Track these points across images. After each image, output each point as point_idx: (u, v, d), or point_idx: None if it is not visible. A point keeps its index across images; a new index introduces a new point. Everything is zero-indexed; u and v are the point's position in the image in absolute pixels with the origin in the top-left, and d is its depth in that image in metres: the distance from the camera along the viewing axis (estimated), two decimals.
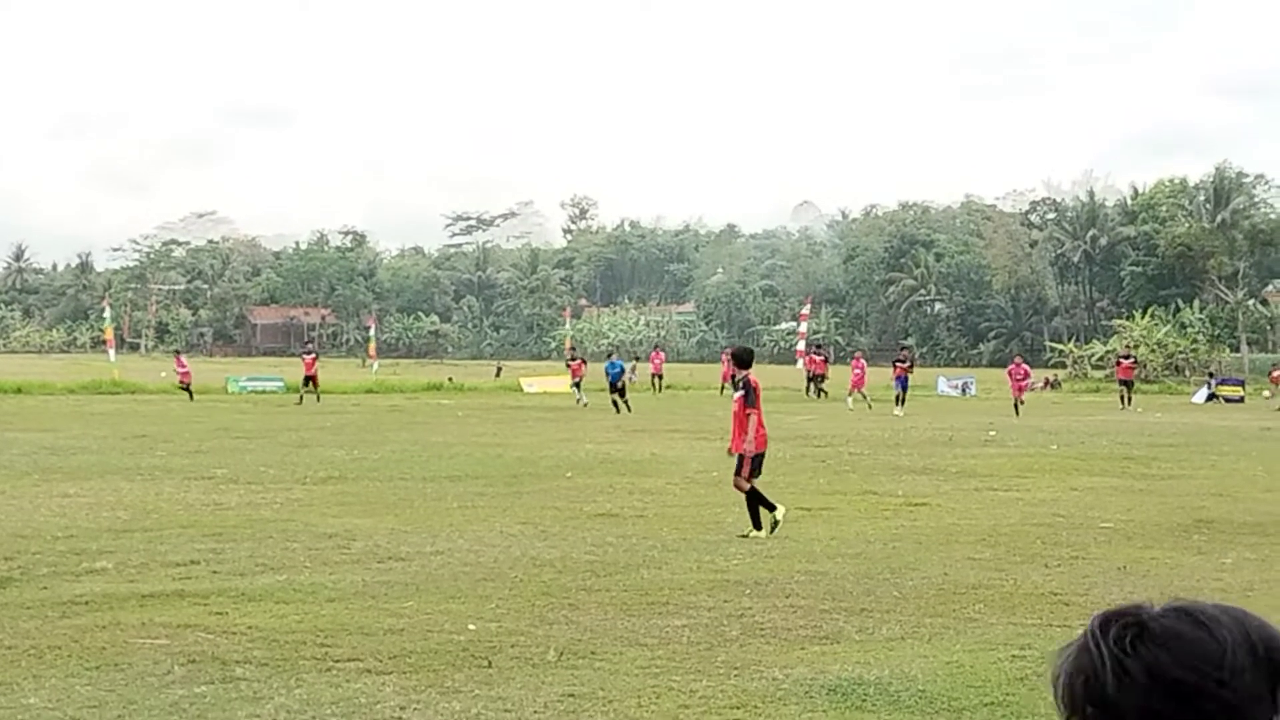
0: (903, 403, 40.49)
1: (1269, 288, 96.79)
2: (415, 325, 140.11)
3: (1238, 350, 79.48)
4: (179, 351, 59.52)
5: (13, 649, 8.67)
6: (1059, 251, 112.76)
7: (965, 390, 57.14)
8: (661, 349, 69.22)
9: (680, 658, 8.67)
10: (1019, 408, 39.24)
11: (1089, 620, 1.64)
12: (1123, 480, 20.41)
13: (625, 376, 54.70)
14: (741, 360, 14.99)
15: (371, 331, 74.33)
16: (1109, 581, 11.59)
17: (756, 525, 14.17)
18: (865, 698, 7.75)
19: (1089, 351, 73.11)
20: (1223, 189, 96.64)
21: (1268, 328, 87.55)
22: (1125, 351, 53.62)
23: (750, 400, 14.42)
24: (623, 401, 41.14)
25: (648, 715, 7.43)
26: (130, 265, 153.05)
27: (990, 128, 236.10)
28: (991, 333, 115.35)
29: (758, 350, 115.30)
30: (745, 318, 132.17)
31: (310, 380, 44.74)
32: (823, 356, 54.54)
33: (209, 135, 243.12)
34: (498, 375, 67.64)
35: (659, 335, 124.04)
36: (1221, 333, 79.45)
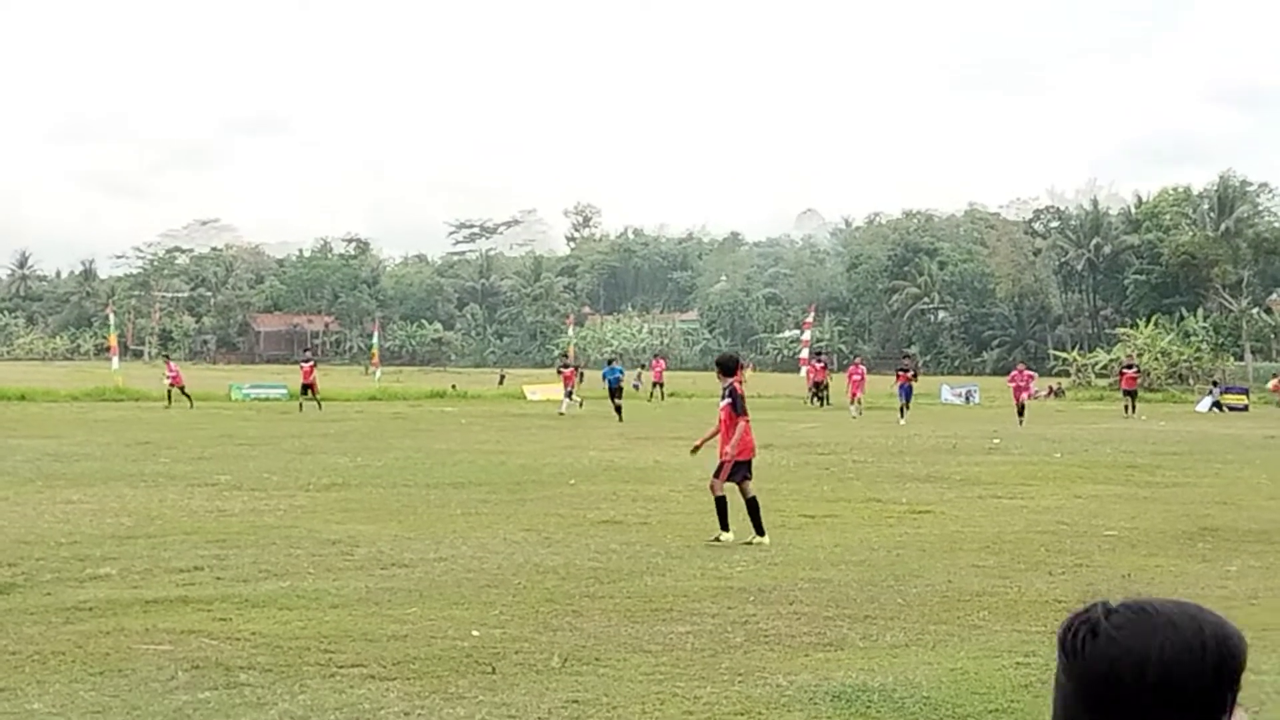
0: (906, 411, 40.46)
1: (1273, 296, 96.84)
2: (419, 333, 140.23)
3: (1242, 359, 79.44)
4: (168, 356, 59.46)
5: (17, 654, 8.67)
6: (1063, 260, 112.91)
7: (969, 398, 57.14)
8: (662, 357, 69.11)
9: (684, 664, 8.66)
10: (1022, 414, 38.79)
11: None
12: (1127, 488, 20.39)
13: (630, 384, 54.69)
14: (726, 368, 14.99)
15: (375, 339, 74.33)
16: (1113, 589, 11.47)
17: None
18: (869, 704, 7.74)
19: (1093, 360, 73.10)
20: (1227, 198, 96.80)
21: (1271, 336, 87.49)
22: (1129, 361, 53.59)
23: (738, 407, 14.43)
24: (615, 407, 41.13)
25: None
26: (134, 273, 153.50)
27: (994, 136, 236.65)
28: (995, 341, 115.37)
29: (761, 358, 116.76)
30: (749, 326, 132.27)
31: (308, 388, 44.18)
32: (823, 364, 54.41)
33: (212, 142, 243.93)
34: (501, 383, 67.64)
35: (662, 343, 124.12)
36: (1225, 341, 79.46)
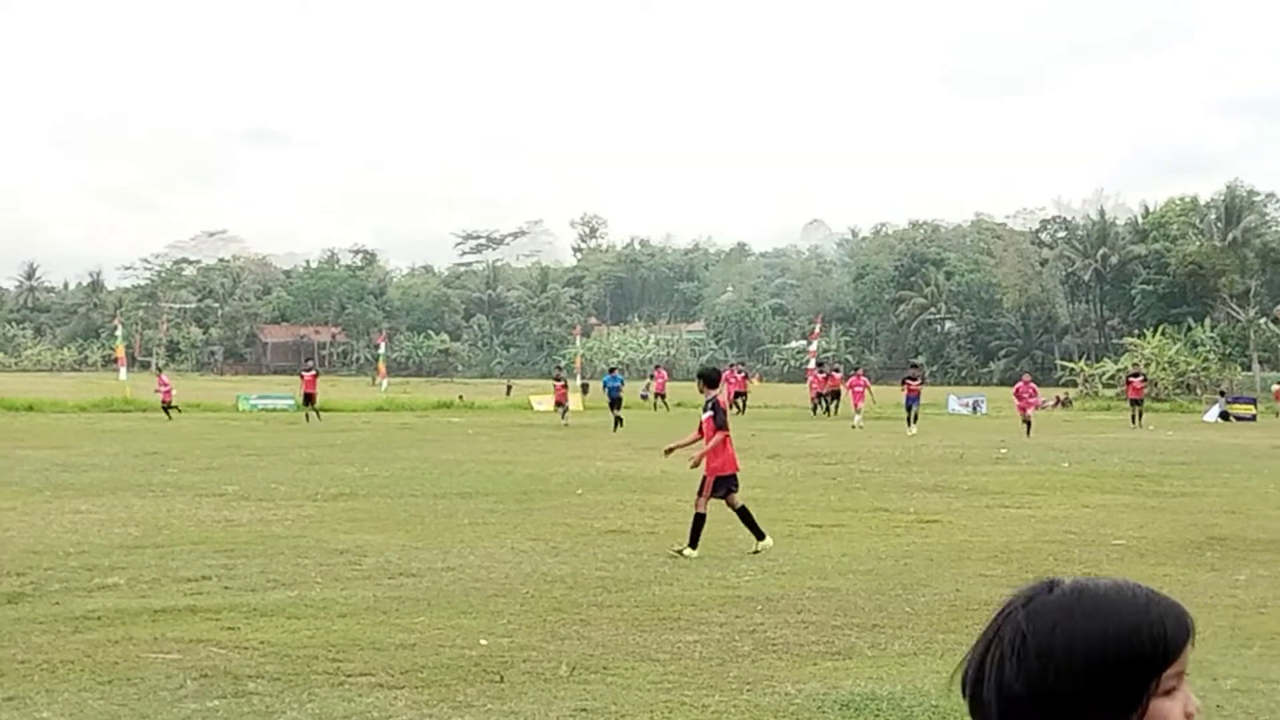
0: (915, 421, 40.33)
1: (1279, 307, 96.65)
2: (425, 344, 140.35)
3: (1249, 369, 79.34)
4: (161, 369, 59.45)
5: (26, 663, 8.68)
6: (1069, 270, 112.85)
7: (976, 409, 57.08)
8: (663, 368, 69.00)
9: (692, 673, 8.66)
10: (1029, 426, 38.41)
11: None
12: (1135, 498, 20.35)
13: (639, 394, 54.61)
14: (710, 381, 14.93)
15: (382, 350, 74.25)
16: None
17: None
18: (878, 713, 7.74)
19: (1100, 370, 72.95)
20: (1234, 207, 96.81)
21: (1279, 346, 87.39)
22: (1135, 370, 53.47)
23: (719, 421, 14.34)
24: (615, 416, 41.04)
25: None
26: (141, 284, 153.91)
27: (1000, 147, 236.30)
28: (1002, 351, 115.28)
29: (767, 369, 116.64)
30: (755, 336, 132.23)
31: (309, 398, 43.97)
32: (825, 374, 54.23)
33: (220, 154, 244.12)
34: (508, 393, 67.71)
35: (669, 354, 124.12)
36: (1233, 351, 79.35)
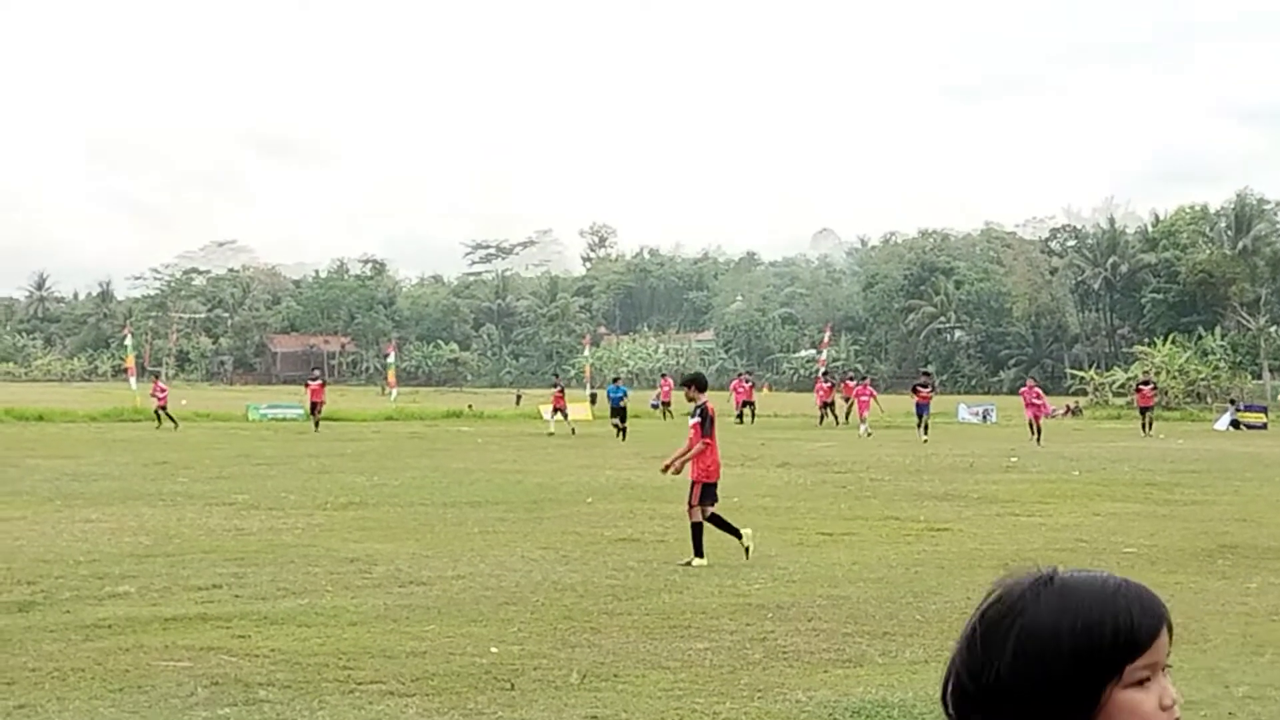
0: (926, 429, 40.19)
1: None
2: (435, 353, 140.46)
3: (1260, 377, 79.11)
4: (157, 375, 59.38)
5: (37, 671, 8.69)
6: (1079, 279, 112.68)
7: (986, 417, 57.00)
8: (669, 376, 68.79)
9: (703, 680, 8.65)
10: (1039, 432, 38.05)
11: None
12: (1145, 506, 20.30)
13: (649, 403, 54.46)
14: (700, 385, 14.88)
15: (391, 359, 74.20)
16: None
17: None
18: None
19: (1110, 379, 72.78)
20: (1244, 215, 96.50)
21: None
22: (1145, 378, 53.33)
23: (706, 428, 14.27)
24: (621, 427, 40.41)
25: None
26: (151, 294, 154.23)
27: (1010, 156, 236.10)
28: (1012, 360, 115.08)
29: (777, 378, 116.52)
30: (765, 345, 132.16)
31: (315, 407, 43.71)
32: (829, 384, 54.04)
33: (229, 164, 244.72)
34: (517, 403, 67.66)
35: (678, 363, 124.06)
36: (1243, 359, 79.06)
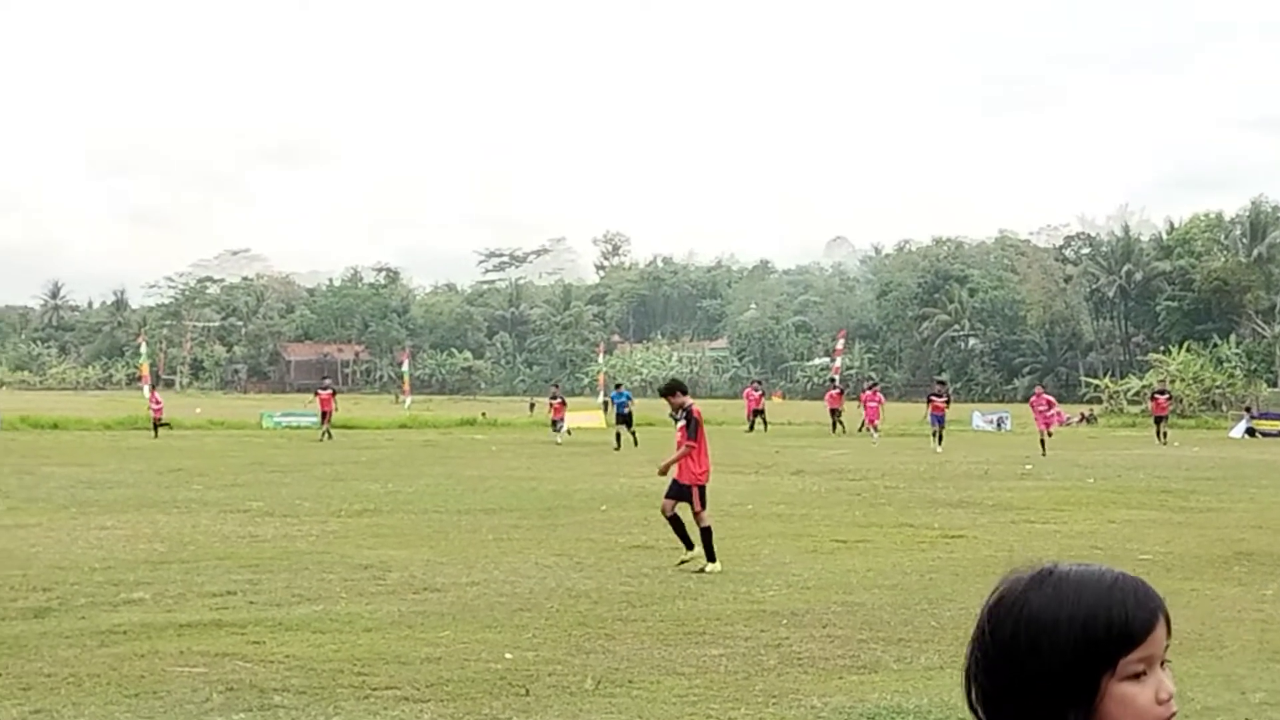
0: (941, 438, 39.96)
1: None
2: (448, 361, 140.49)
3: (1275, 385, 78.80)
4: (154, 386, 59.40)
5: (52, 677, 8.71)
6: (1094, 286, 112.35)
7: (1000, 425, 56.93)
8: None
9: (718, 687, 8.63)
10: (1044, 443, 37.14)
11: None
12: (1161, 513, 20.24)
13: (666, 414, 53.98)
14: (683, 390, 14.91)
15: (405, 367, 74.48)
16: None
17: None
18: None
19: (1124, 386, 72.61)
20: (1259, 223, 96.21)
21: None
22: (1160, 387, 53.13)
23: (691, 431, 14.23)
24: (629, 432, 39.96)
25: None
26: (165, 302, 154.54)
27: (1024, 163, 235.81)
28: (1026, 368, 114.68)
29: (791, 386, 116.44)
30: (778, 353, 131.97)
31: (325, 416, 43.48)
32: (838, 391, 53.92)
33: (243, 172, 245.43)
34: (531, 411, 67.67)
35: (692, 371, 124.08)
36: (1259, 367, 78.86)
